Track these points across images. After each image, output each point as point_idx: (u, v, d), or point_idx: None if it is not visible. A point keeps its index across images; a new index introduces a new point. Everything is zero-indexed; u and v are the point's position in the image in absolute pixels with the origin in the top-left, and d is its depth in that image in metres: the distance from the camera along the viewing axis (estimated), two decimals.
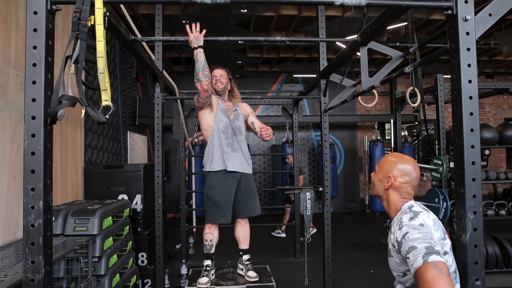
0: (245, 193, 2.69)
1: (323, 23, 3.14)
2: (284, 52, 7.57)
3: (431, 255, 1.12)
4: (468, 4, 1.31)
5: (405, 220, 1.28)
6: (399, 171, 1.37)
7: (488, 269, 3.69)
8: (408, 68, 2.03)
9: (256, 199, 2.79)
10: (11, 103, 2.53)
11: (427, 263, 1.10)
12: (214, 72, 2.71)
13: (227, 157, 2.60)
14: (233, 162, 2.61)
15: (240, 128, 2.70)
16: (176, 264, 4.52)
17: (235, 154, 2.62)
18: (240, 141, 2.68)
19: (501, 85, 4.47)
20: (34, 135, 1.17)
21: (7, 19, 2.56)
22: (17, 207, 2.54)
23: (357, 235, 6.19)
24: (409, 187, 1.38)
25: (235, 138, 2.65)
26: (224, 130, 2.62)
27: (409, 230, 1.22)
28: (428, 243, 1.15)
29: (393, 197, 1.38)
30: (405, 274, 1.30)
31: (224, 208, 2.62)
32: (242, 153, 2.66)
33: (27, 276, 1.14)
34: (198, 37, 2.30)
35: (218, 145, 2.61)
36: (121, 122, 5.36)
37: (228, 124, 2.64)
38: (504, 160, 9.09)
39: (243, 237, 2.82)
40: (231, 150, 2.61)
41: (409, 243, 1.18)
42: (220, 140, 2.61)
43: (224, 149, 2.60)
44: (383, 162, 1.44)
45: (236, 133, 2.66)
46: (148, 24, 5.81)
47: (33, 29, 1.19)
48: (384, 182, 1.39)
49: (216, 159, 2.60)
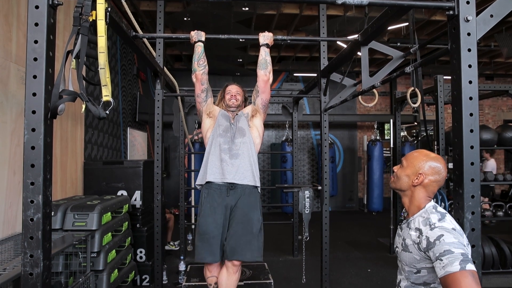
0: (242, 217, 2.18)
1: (324, 22, 3.14)
2: (285, 51, 7.56)
3: (468, 263, 1.14)
4: (470, 5, 1.32)
5: (435, 221, 1.27)
6: (431, 169, 1.34)
7: (485, 269, 3.71)
8: (408, 68, 2.03)
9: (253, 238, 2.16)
10: (11, 98, 2.53)
11: (465, 271, 1.12)
12: (230, 87, 2.52)
13: (225, 165, 2.23)
14: (230, 171, 2.23)
15: (242, 129, 2.35)
16: (175, 261, 4.53)
17: (234, 162, 2.25)
18: (242, 144, 2.30)
19: (501, 87, 4.47)
20: (34, 129, 1.17)
21: (9, 13, 2.55)
22: (16, 201, 2.55)
23: (355, 234, 6.20)
24: (437, 186, 1.36)
25: (235, 141, 2.30)
26: (223, 134, 2.32)
27: (444, 233, 1.22)
28: (463, 250, 1.17)
29: (419, 194, 1.37)
30: (419, 271, 1.30)
31: (212, 242, 2.13)
32: (243, 159, 2.26)
33: (25, 270, 1.15)
34: (199, 32, 2.30)
35: (215, 151, 2.28)
36: (121, 118, 5.36)
37: (228, 128, 2.34)
38: (502, 161, 9.10)
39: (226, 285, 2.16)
40: (229, 156, 2.26)
41: (445, 246, 1.18)
42: (217, 144, 2.29)
43: (221, 155, 2.26)
44: (412, 158, 1.40)
45: (237, 135, 2.32)
46: (150, 21, 5.80)
47: (35, 24, 1.19)
48: (413, 178, 1.36)
49: (211, 167, 2.25)
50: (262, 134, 2.46)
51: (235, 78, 8.29)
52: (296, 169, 4.98)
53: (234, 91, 2.49)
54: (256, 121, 2.43)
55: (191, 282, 3.12)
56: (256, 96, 2.45)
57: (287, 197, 7.20)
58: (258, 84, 2.40)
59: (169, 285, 3.83)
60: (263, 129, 2.46)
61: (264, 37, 2.33)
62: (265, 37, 2.33)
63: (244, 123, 2.38)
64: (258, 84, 2.40)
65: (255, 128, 2.41)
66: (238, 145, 2.29)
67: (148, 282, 3.70)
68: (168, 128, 6.61)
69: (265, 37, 2.33)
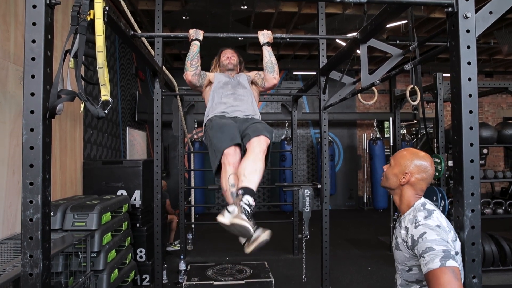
0: (257, 124, 2.11)
1: (323, 20, 3.13)
2: (284, 49, 7.56)
3: (449, 259, 1.16)
4: (469, 1, 1.31)
5: (421, 219, 1.28)
6: (417, 167, 1.37)
7: (485, 267, 3.71)
8: (408, 65, 2.02)
9: (263, 127, 2.09)
10: (10, 98, 2.53)
11: (445, 267, 1.15)
12: (225, 51, 2.58)
13: (228, 106, 2.21)
14: (235, 109, 2.20)
15: (243, 84, 2.35)
16: (175, 260, 4.52)
17: (238, 103, 2.23)
18: (244, 92, 2.30)
19: (500, 84, 4.47)
20: (33, 129, 1.17)
21: (6, 13, 2.54)
22: (16, 201, 2.54)
23: (355, 233, 6.20)
24: (425, 183, 1.39)
25: (237, 90, 2.29)
26: (223, 86, 2.31)
27: (427, 231, 1.23)
28: (445, 246, 1.19)
29: (407, 192, 1.39)
30: (410, 269, 1.32)
31: (230, 130, 2.00)
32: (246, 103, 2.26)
33: (25, 270, 1.14)
34: (197, 31, 2.29)
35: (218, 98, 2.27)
36: (120, 118, 5.35)
37: (228, 81, 2.34)
38: (502, 159, 9.11)
39: (250, 170, 1.82)
40: (233, 99, 2.24)
41: (426, 244, 1.21)
42: (219, 94, 2.28)
43: (224, 99, 2.24)
44: (399, 157, 1.43)
45: (238, 87, 2.32)
46: (148, 20, 5.79)
47: (32, 23, 1.18)
48: (400, 177, 1.39)
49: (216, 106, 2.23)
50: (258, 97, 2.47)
51: None
52: (295, 167, 4.98)
53: (230, 53, 2.54)
54: (254, 88, 2.45)
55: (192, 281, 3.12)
56: (258, 83, 2.44)
57: (285, 195, 7.19)
58: (266, 84, 2.38)
59: (169, 285, 3.83)
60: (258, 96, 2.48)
61: (264, 35, 2.32)
62: (264, 36, 2.32)
63: (245, 80, 2.40)
64: (265, 84, 2.38)
65: (254, 91, 2.42)
66: (241, 93, 2.29)
67: (148, 282, 3.70)
68: (168, 128, 6.60)
69: (264, 35, 2.32)
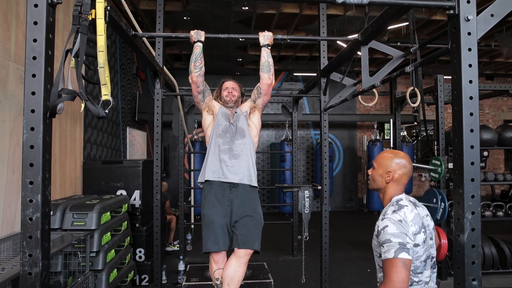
0: (249, 210, 2.26)
1: (324, 22, 3.13)
2: (284, 50, 7.56)
3: (402, 252, 1.34)
4: (470, 4, 1.31)
5: (389, 212, 1.45)
6: (397, 164, 1.54)
7: (485, 269, 3.71)
8: (408, 67, 2.03)
9: (260, 230, 2.28)
10: (10, 97, 2.53)
11: (397, 258, 1.33)
12: (226, 83, 2.55)
13: (224, 165, 2.28)
14: (231, 171, 2.27)
15: (242, 130, 2.38)
16: (174, 260, 4.52)
17: (234, 162, 2.29)
18: (242, 145, 2.34)
19: (501, 86, 4.47)
20: (33, 128, 1.17)
21: (8, 12, 2.54)
22: (15, 200, 2.54)
23: (355, 234, 6.20)
24: (407, 177, 1.55)
25: (235, 142, 2.33)
26: (222, 134, 2.35)
27: (389, 224, 1.40)
28: (402, 240, 1.36)
29: (391, 189, 1.55)
30: (380, 255, 1.47)
31: (218, 231, 2.19)
32: (243, 160, 2.31)
33: (24, 269, 1.14)
34: (199, 32, 2.29)
35: (214, 152, 2.33)
36: (120, 117, 5.35)
37: (227, 128, 2.37)
38: (502, 161, 9.10)
39: (229, 277, 2.15)
40: (229, 157, 2.30)
41: (386, 236, 1.38)
42: (217, 145, 2.33)
43: (221, 156, 2.30)
44: (380, 159, 1.59)
45: (237, 136, 2.35)
46: (149, 20, 5.79)
47: (34, 22, 1.18)
48: (385, 176, 1.54)
49: (211, 167, 2.30)
50: (260, 129, 2.53)
51: (235, 77, 8.21)
52: (295, 168, 4.98)
53: (231, 87, 2.53)
54: (254, 118, 2.49)
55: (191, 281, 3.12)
56: (257, 96, 2.48)
57: (285, 197, 7.19)
58: (261, 86, 2.41)
59: (169, 285, 3.82)
60: (260, 124, 2.52)
61: (264, 37, 2.33)
62: (265, 37, 2.32)
63: (244, 123, 2.42)
64: (261, 86, 2.42)
65: (254, 126, 2.47)
66: (238, 146, 2.34)
67: (147, 282, 3.69)
68: (168, 128, 6.60)
69: (265, 37, 2.33)
